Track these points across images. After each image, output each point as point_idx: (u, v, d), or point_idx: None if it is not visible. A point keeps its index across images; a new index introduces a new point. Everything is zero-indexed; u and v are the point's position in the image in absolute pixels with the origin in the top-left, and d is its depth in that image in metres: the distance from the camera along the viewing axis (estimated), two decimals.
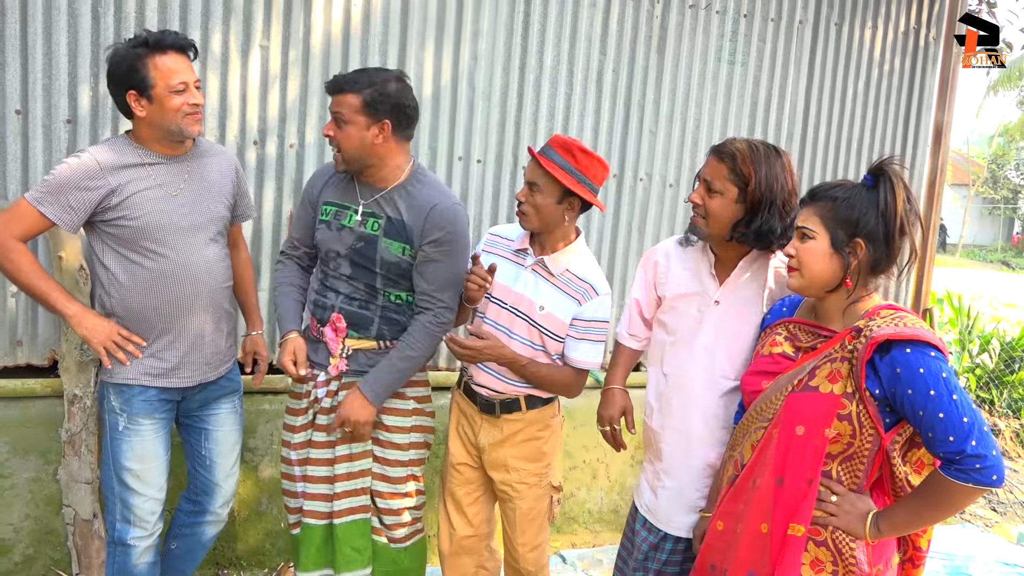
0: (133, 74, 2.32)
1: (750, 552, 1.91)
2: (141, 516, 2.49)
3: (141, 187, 2.38)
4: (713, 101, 4.10)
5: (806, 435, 1.84)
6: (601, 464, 4.01)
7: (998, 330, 6.42)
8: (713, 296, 2.25)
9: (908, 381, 1.73)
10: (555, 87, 3.79)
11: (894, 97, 4.48)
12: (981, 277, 20.48)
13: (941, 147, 4.53)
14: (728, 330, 2.23)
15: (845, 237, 1.86)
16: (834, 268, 1.88)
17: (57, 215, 2.31)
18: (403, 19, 3.48)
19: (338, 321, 2.51)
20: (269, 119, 3.34)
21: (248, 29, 3.26)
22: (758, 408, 1.97)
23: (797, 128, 4.31)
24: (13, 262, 2.32)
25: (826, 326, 1.94)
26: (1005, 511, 4.91)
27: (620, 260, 4.03)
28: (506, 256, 2.55)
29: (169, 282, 2.43)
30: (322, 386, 2.56)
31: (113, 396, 2.46)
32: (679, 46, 3.98)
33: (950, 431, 1.68)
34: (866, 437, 1.81)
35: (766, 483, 1.90)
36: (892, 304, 1.91)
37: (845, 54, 4.33)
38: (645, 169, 4.02)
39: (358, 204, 2.50)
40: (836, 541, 1.84)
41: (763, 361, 2.03)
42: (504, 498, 2.63)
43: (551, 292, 2.47)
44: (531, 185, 2.40)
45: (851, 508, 1.84)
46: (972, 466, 1.67)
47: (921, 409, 1.71)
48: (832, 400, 1.81)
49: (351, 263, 2.50)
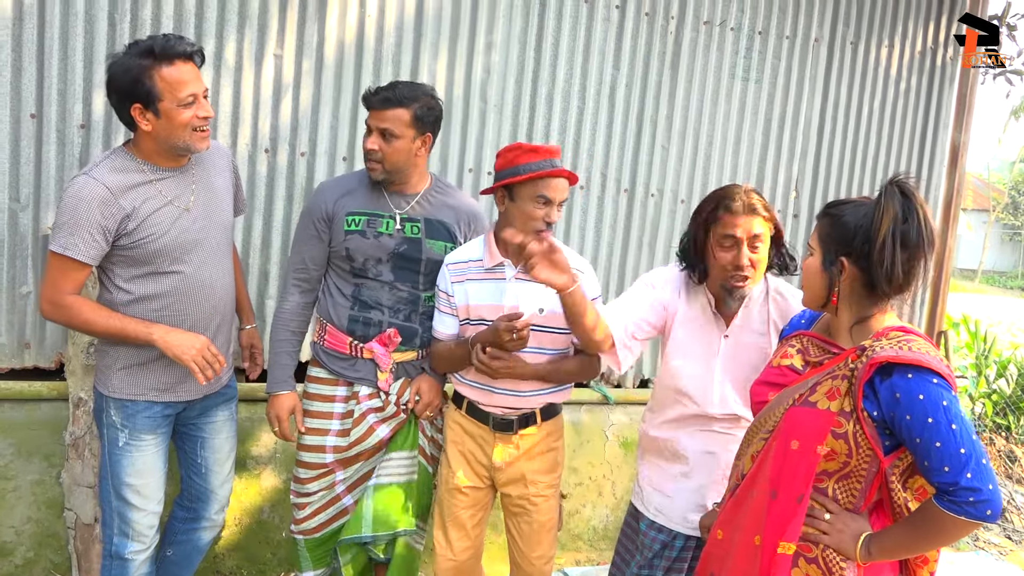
0: (138, 86, 2.19)
1: (743, 563, 1.88)
2: (140, 531, 2.46)
3: (154, 206, 2.30)
4: (727, 118, 4.08)
5: (800, 450, 1.81)
6: (607, 481, 3.97)
7: (1015, 356, 6.32)
8: (721, 331, 2.34)
9: (907, 406, 1.69)
10: (567, 101, 3.78)
11: (910, 116, 4.44)
12: (1000, 303, 20.25)
13: (957, 168, 4.49)
14: (739, 362, 2.32)
15: (833, 255, 1.84)
16: (824, 285, 1.86)
17: (89, 255, 2.24)
18: (416, 30, 3.50)
19: (395, 336, 2.58)
20: (281, 128, 3.35)
21: (263, 38, 3.29)
22: (761, 419, 1.95)
23: (812, 146, 4.28)
24: (78, 316, 2.29)
25: (836, 343, 1.91)
26: (1021, 539, 4.81)
27: (630, 275, 4.00)
28: (481, 278, 2.51)
29: (185, 298, 2.39)
30: (365, 400, 2.61)
31: (114, 411, 2.39)
32: (693, 62, 3.97)
33: (946, 461, 1.64)
34: (863, 458, 1.77)
35: (761, 495, 1.87)
36: (904, 326, 1.86)
37: (861, 73, 4.30)
38: (657, 185, 4.00)
39: (392, 211, 2.58)
40: (827, 559, 1.80)
41: (772, 372, 2.01)
42: (519, 512, 2.60)
43: (541, 291, 2.41)
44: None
45: (844, 528, 1.80)
46: (966, 499, 1.62)
47: (918, 436, 1.67)
48: (828, 417, 1.78)
49: (394, 267, 2.58)
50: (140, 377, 2.39)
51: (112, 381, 2.39)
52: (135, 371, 2.38)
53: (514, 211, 2.43)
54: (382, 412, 2.63)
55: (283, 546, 3.42)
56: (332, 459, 2.64)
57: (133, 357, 2.38)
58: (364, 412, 2.62)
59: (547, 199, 2.39)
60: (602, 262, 3.93)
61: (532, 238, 2.17)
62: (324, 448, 2.63)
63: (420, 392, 2.64)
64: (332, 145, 3.44)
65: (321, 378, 2.67)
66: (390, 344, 2.58)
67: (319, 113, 3.40)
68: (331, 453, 2.64)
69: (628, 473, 3.98)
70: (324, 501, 2.68)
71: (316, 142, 3.41)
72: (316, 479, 2.66)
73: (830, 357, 1.89)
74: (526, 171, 2.37)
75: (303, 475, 2.67)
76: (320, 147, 3.42)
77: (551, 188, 2.39)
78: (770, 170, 4.22)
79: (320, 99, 3.40)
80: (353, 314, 2.60)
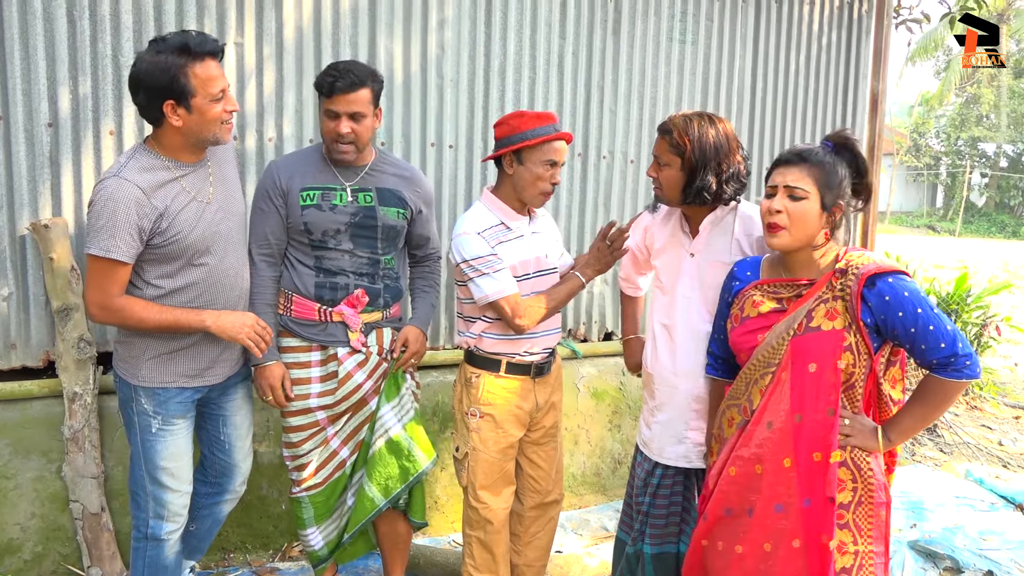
0: (174, 83, 2.26)
1: (775, 488, 2.10)
2: (175, 511, 2.57)
3: (182, 203, 2.38)
4: (667, 79, 4.31)
5: (819, 371, 2.06)
6: (582, 430, 4.20)
7: (934, 287, 6.81)
8: (688, 249, 2.53)
9: (897, 305, 1.98)
10: (519, 72, 3.94)
11: (833, 68, 4.76)
12: (910, 241, 21.36)
13: (878, 114, 4.82)
14: (704, 279, 2.50)
15: (832, 199, 2.10)
16: (820, 227, 2.12)
17: (129, 254, 2.31)
18: (371, 11, 3.60)
19: (363, 296, 2.72)
20: (247, 114, 3.42)
21: (222, 27, 3.34)
22: (760, 356, 2.16)
23: (746, 101, 4.55)
24: (132, 316, 2.35)
25: (802, 277, 2.15)
26: (952, 451, 5.27)
27: (588, 235, 4.21)
28: (507, 240, 2.70)
29: (212, 288, 2.48)
30: (347, 358, 2.74)
31: (145, 399, 2.47)
32: (633, 28, 4.17)
33: (941, 339, 1.96)
34: (862, 363, 2.06)
35: (784, 422, 2.09)
36: (855, 247, 2.16)
37: (787, 29, 4.58)
38: (607, 147, 4.21)
39: (342, 184, 2.71)
40: (855, 459, 2.08)
41: (753, 321, 2.21)
42: (549, 440, 2.91)
43: (552, 240, 2.87)
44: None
45: (862, 427, 2.09)
46: (963, 364, 1.96)
47: (912, 326, 1.97)
48: (836, 335, 2.05)
49: (352, 236, 2.71)
50: (170, 365, 2.48)
51: (142, 371, 2.46)
52: (164, 360, 2.47)
53: (523, 174, 2.63)
54: (366, 365, 2.78)
55: (283, 519, 3.55)
56: (322, 416, 2.79)
57: (161, 347, 2.46)
58: (350, 371, 2.75)
59: (554, 162, 2.61)
60: (562, 223, 4.13)
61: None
62: (310, 409, 2.77)
63: (407, 342, 2.82)
64: (298, 129, 3.52)
65: (293, 346, 2.77)
66: (358, 304, 2.73)
67: (283, 98, 3.48)
68: (319, 411, 2.78)
69: (601, 422, 4.22)
70: (323, 458, 2.84)
71: (282, 126, 3.49)
72: (308, 439, 2.81)
73: (806, 288, 2.13)
74: (535, 135, 2.58)
75: (295, 439, 2.80)
76: (287, 131, 3.50)
77: (556, 151, 2.62)
78: None
79: (283, 84, 3.47)
80: (319, 280, 2.72)
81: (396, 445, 2.85)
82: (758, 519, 2.11)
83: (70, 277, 3.08)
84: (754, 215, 2.48)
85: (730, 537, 2.17)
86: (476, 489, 2.78)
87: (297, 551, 3.51)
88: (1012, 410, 6.27)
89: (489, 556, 2.81)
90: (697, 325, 2.51)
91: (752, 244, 2.47)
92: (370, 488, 2.85)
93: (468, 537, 2.84)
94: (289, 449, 2.84)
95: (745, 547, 2.13)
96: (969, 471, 4.89)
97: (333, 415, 2.80)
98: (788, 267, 2.20)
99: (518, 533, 2.95)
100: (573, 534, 3.82)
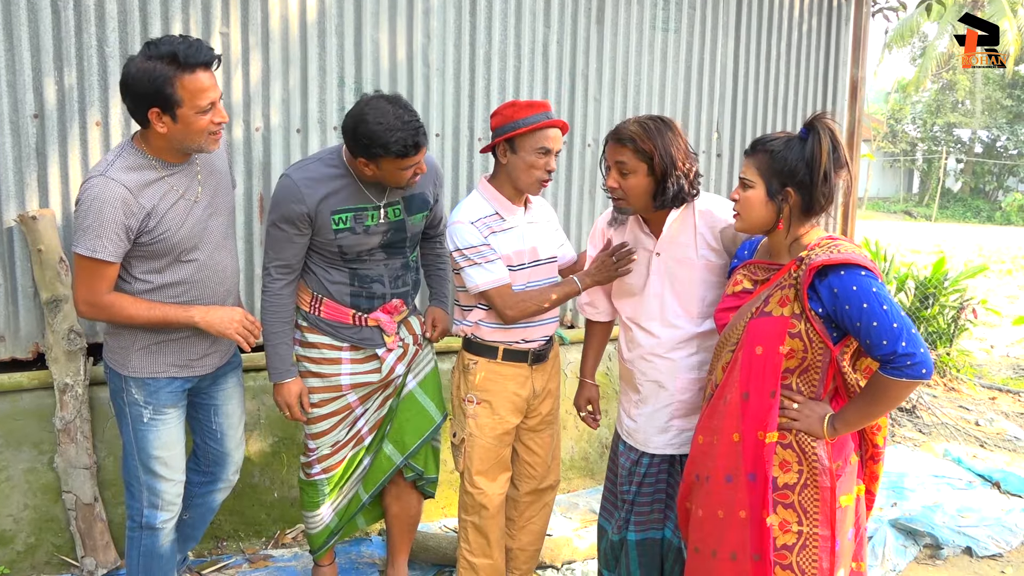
0: (160, 93, 2.22)
1: (726, 460, 2.19)
2: (169, 500, 2.59)
3: (170, 202, 2.37)
4: (651, 67, 4.35)
5: (764, 354, 2.13)
6: (569, 416, 4.25)
7: (912, 271, 6.92)
8: (653, 249, 2.53)
9: (844, 298, 2.01)
10: (504, 61, 3.97)
11: (813, 56, 4.82)
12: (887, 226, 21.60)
13: (857, 101, 4.90)
14: (673, 275, 2.52)
15: (778, 186, 2.13)
16: (769, 213, 2.16)
17: (116, 254, 2.31)
18: (357, 0, 3.60)
19: (401, 306, 2.82)
20: (234, 104, 3.42)
21: (208, 17, 3.33)
22: (726, 335, 2.26)
23: (728, 89, 4.60)
24: (120, 313, 2.37)
25: (776, 261, 2.21)
26: (930, 432, 5.38)
27: (574, 223, 4.26)
28: (500, 230, 2.72)
29: (201, 284, 2.49)
30: (387, 356, 2.82)
31: (135, 390, 2.49)
32: (616, 16, 4.20)
33: (883, 336, 1.97)
34: (816, 351, 2.10)
35: (734, 398, 2.18)
36: (831, 235, 2.20)
37: (768, 17, 4.64)
38: (592, 135, 4.25)
39: (374, 202, 2.69)
40: (800, 442, 2.13)
41: (729, 299, 2.31)
42: (546, 426, 2.95)
43: (547, 232, 2.88)
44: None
45: (811, 413, 2.13)
46: (904, 363, 1.96)
47: (858, 321, 2.00)
48: (783, 321, 2.10)
49: (385, 250, 2.76)
50: (159, 356, 2.49)
51: (131, 362, 2.47)
52: (153, 350, 2.48)
53: (517, 163, 2.65)
54: (404, 357, 2.89)
55: (276, 507, 3.58)
56: (353, 398, 2.84)
57: (150, 338, 2.47)
58: (392, 365, 2.83)
59: (547, 149, 2.63)
60: None
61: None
62: (340, 387, 2.81)
63: (436, 321, 2.99)
64: (285, 118, 3.53)
65: (323, 343, 2.79)
66: (395, 312, 2.80)
67: (270, 88, 3.48)
68: (350, 391, 2.83)
69: None
70: (347, 438, 2.90)
71: (269, 116, 3.50)
72: (337, 425, 2.85)
73: (775, 273, 2.19)
74: (527, 124, 2.60)
75: (323, 428, 2.83)
76: (274, 120, 3.50)
77: (549, 139, 2.63)
78: (693, 114, 4.53)
79: (270, 74, 3.47)
80: (355, 289, 2.75)
81: (412, 402, 2.95)
82: (714, 486, 2.21)
83: (59, 268, 3.08)
84: (712, 208, 2.50)
85: (697, 501, 2.28)
86: (472, 475, 2.82)
87: (290, 538, 3.54)
88: (988, 391, 6.40)
89: (484, 540, 2.86)
90: (673, 321, 2.52)
91: (716, 236, 2.48)
92: (387, 445, 2.95)
93: (463, 522, 2.88)
94: (314, 441, 2.86)
95: (704, 511, 2.25)
96: (947, 451, 5.00)
97: (364, 395, 2.87)
98: (770, 250, 2.26)
99: (513, 518, 3.00)
100: (563, 517, 3.87)
